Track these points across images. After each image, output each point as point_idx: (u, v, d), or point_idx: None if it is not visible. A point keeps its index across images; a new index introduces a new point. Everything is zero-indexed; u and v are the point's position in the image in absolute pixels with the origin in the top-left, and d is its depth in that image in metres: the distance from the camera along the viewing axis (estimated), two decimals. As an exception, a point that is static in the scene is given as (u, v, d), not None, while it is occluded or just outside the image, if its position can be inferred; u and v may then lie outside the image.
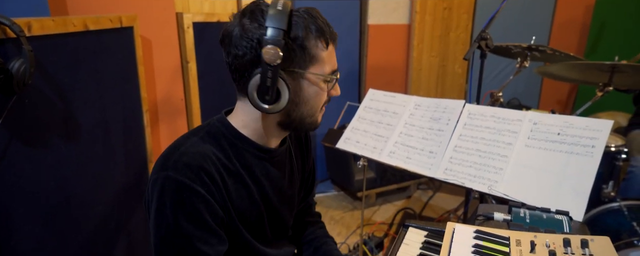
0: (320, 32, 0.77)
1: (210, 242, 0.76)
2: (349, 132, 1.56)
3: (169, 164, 0.74)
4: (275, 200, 0.91)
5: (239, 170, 0.82)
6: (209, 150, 0.79)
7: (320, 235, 1.12)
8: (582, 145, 1.05)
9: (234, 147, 0.83)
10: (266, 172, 0.88)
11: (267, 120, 0.84)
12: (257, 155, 0.86)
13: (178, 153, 0.76)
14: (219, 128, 0.84)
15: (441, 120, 1.36)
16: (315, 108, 0.83)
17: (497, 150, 1.19)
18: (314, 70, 0.79)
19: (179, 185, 0.73)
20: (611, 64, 1.46)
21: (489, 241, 0.81)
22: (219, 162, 0.79)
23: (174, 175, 0.73)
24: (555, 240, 0.77)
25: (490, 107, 1.29)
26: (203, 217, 0.75)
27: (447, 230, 0.87)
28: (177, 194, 0.73)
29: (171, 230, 0.73)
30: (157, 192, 0.74)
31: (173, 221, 0.73)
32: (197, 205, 0.74)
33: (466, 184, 1.18)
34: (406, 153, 1.38)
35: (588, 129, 1.06)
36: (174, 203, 0.73)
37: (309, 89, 0.80)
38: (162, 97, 1.97)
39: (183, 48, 1.99)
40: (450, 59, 3.29)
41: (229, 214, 0.81)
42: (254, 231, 0.88)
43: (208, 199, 0.75)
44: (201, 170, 0.75)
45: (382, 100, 1.58)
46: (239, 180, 0.83)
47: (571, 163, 1.05)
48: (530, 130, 1.16)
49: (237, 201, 0.82)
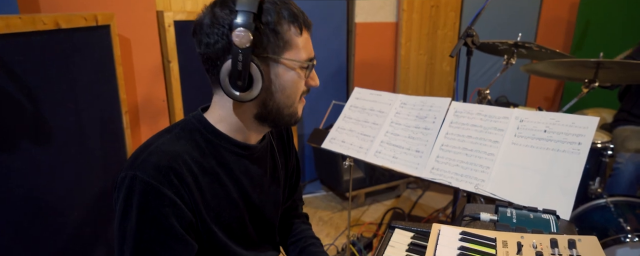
0: (293, 17, 0.75)
1: (175, 248, 0.72)
2: (334, 131, 1.53)
3: (137, 163, 0.71)
4: (256, 199, 0.87)
5: (215, 168, 0.79)
6: (181, 148, 0.75)
7: (307, 235, 1.09)
8: (569, 143, 1.03)
9: (210, 143, 0.79)
10: (246, 170, 0.84)
11: (244, 112, 0.80)
12: (235, 152, 0.82)
13: (147, 152, 0.73)
14: (194, 124, 0.80)
15: (427, 119, 1.34)
16: (293, 97, 0.79)
17: (483, 148, 1.17)
18: (288, 56, 0.76)
19: (145, 186, 0.69)
20: (596, 60, 1.46)
21: (475, 243, 0.78)
22: (192, 160, 0.75)
23: (141, 176, 0.70)
24: (543, 241, 0.75)
25: (476, 104, 1.27)
26: (168, 222, 0.71)
27: (432, 231, 0.84)
28: (143, 197, 0.69)
29: (133, 233, 0.70)
30: (124, 192, 0.71)
31: (136, 225, 0.70)
32: (162, 209, 0.70)
33: (453, 183, 1.16)
34: (392, 152, 1.35)
35: (574, 126, 1.04)
36: (139, 206, 0.70)
37: (285, 76, 0.77)
38: (142, 98, 1.91)
39: (164, 47, 1.94)
40: (438, 57, 3.27)
41: (200, 216, 0.77)
42: (234, 232, 0.84)
43: (176, 202, 0.71)
44: (170, 171, 0.71)
45: (368, 99, 1.55)
46: (215, 178, 0.79)
47: (558, 161, 1.03)
48: (517, 128, 1.14)
49: (212, 201, 0.79)
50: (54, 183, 1.27)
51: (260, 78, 0.72)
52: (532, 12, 3.26)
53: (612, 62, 1.48)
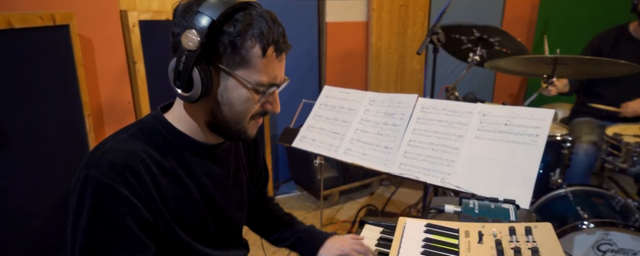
0: (260, 37, 0.70)
1: (131, 250, 0.70)
2: (304, 130, 1.53)
3: (91, 162, 0.69)
4: (219, 200, 0.86)
5: (175, 168, 0.77)
6: (139, 147, 0.73)
7: (282, 214, 1.12)
8: (528, 135, 1.08)
9: (169, 144, 0.77)
10: (208, 171, 0.83)
11: (195, 115, 0.78)
12: (197, 153, 0.80)
13: (102, 151, 0.70)
14: (152, 124, 0.78)
15: (395, 115, 1.36)
16: (242, 115, 0.76)
17: (449, 142, 1.20)
18: (242, 74, 0.72)
19: (99, 185, 0.67)
20: (553, 56, 1.53)
21: (439, 235, 0.80)
22: (150, 159, 0.73)
23: (95, 175, 0.67)
24: (502, 229, 0.78)
25: (442, 100, 1.30)
26: (123, 222, 0.69)
27: (398, 225, 0.86)
28: (96, 196, 0.67)
29: (86, 235, 0.68)
30: (77, 192, 0.68)
31: (88, 226, 0.68)
32: (118, 208, 0.68)
33: (420, 178, 1.19)
34: (362, 149, 1.37)
35: (532, 118, 1.09)
36: (92, 205, 0.67)
37: (235, 92, 0.73)
38: (107, 100, 1.85)
39: (129, 48, 1.88)
40: (408, 55, 3.34)
41: (160, 215, 0.75)
42: (196, 233, 0.83)
43: (132, 201, 0.69)
44: (126, 169, 0.69)
45: (337, 97, 1.56)
46: (175, 179, 0.77)
47: (518, 153, 1.07)
48: (480, 122, 1.18)
49: (172, 202, 0.77)
50: (10, 189, 1.21)
51: (200, 86, 0.69)
52: (496, 12, 3.38)
53: (568, 58, 1.55)
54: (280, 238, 1.08)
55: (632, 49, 2.05)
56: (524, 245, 0.72)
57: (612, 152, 1.77)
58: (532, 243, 0.72)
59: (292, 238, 1.05)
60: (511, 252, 0.71)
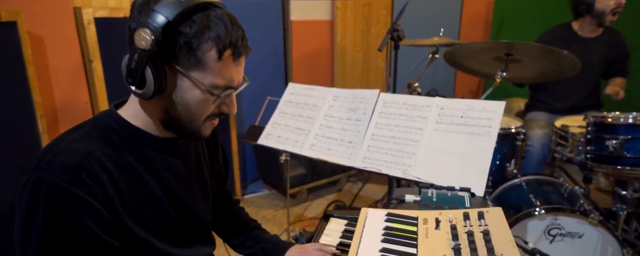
0: (217, 40, 0.69)
1: (92, 250, 0.69)
2: (270, 127, 1.54)
3: (43, 164, 0.66)
4: (182, 194, 0.85)
5: (134, 165, 0.76)
6: (93, 146, 0.71)
7: (246, 220, 1.11)
8: (481, 126, 1.13)
9: (126, 140, 0.76)
10: (168, 165, 0.82)
11: (149, 111, 0.77)
12: (155, 147, 0.79)
13: (53, 153, 0.68)
14: (106, 121, 0.76)
15: (359, 110, 1.39)
16: (196, 115, 0.75)
17: (410, 135, 1.24)
18: (196, 75, 0.71)
19: (53, 189, 0.64)
20: (507, 42, 1.60)
21: (399, 223, 0.83)
22: (106, 157, 0.71)
23: (48, 178, 0.64)
24: (457, 215, 0.82)
25: (402, 95, 1.34)
26: (81, 223, 0.67)
27: (360, 215, 0.89)
28: (50, 199, 0.64)
29: (41, 239, 0.65)
30: (27, 197, 0.65)
31: (43, 230, 0.65)
32: (75, 211, 0.66)
33: (383, 170, 1.22)
34: (327, 145, 1.39)
35: (485, 111, 1.15)
36: (46, 209, 0.64)
37: (189, 93, 0.72)
38: (62, 101, 1.77)
39: (84, 46, 1.81)
40: (372, 54, 3.40)
41: (117, 214, 0.73)
42: (159, 229, 0.81)
43: (89, 202, 0.67)
44: (81, 169, 0.67)
45: (302, 94, 1.57)
46: (134, 175, 0.76)
47: (473, 143, 1.13)
48: (438, 115, 1.23)
49: (131, 199, 0.75)
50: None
51: (152, 84, 0.68)
52: (455, 10, 3.51)
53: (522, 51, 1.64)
54: (244, 245, 1.07)
55: (582, 47, 2.18)
56: (476, 228, 0.76)
57: (560, 142, 1.89)
58: (484, 226, 0.76)
59: (255, 247, 1.04)
60: (465, 236, 0.74)
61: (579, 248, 1.58)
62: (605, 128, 1.59)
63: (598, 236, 1.55)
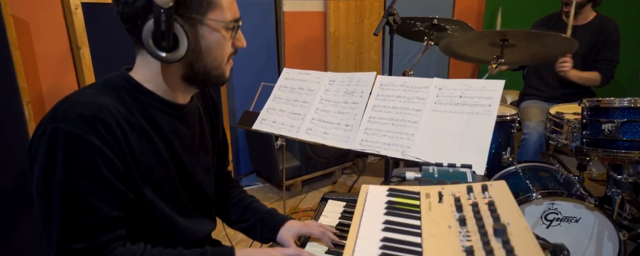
0: None
1: (110, 198, 0.69)
2: (265, 112, 1.50)
3: (58, 115, 0.66)
4: (187, 161, 0.84)
5: (143, 125, 0.75)
6: (106, 101, 0.71)
7: (244, 196, 1.09)
8: (481, 105, 1.12)
9: (136, 100, 0.76)
10: (175, 129, 0.81)
11: (170, 73, 0.77)
12: (164, 111, 0.79)
13: (69, 103, 0.68)
14: (118, 82, 0.76)
15: (355, 93, 1.37)
16: (220, 59, 0.78)
17: (408, 117, 1.22)
18: (212, 17, 0.73)
19: (70, 137, 0.65)
20: (501, 31, 1.60)
21: (401, 197, 0.81)
22: (119, 114, 0.71)
23: (65, 127, 0.65)
24: (460, 189, 0.80)
25: (400, 77, 1.32)
26: (100, 171, 0.67)
27: (361, 192, 0.86)
28: (69, 147, 0.65)
29: (63, 186, 0.65)
30: (45, 147, 0.65)
31: (65, 177, 0.65)
32: (92, 158, 0.66)
33: (381, 152, 1.20)
34: (323, 128, 1.36)
35: (484, 90, 1.13)
36: (65, 157, 0.65)
37: (210, 37, 0.75)
38: (49, 87, 1.71)
39: (72, 32, 1.75)
40: (365, 46, 3.38)
41: (130, 171, 0.72)
42: (166, 194, 0.80)
43: (105, 151, 0.67)
44: (96, 120, 0.67)
45: (297, 78, 1.54)
46: (144, 135, 0.75)
47: (472, 123, 1.11)
48: (436, 96, 1.21)
49: (141, 157, 0.74)
50: None
51: (186, 39, 0.69)
52: (447, 2, 3.51)
53: (516, 37, 1.63)
54: (242, 218, 1.05)
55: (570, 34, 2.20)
56: (481, 200, 0.74)
57: (555, 130, 1.90)
58: (489, 198, 0.74)
59: (253, 218, 1.02)
60: (469, 207, 0.72)
61: (575, 232, 1.58)
62: (600, 112, 1.59)
63: (594, 220, 1.55)
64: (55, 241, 0.66)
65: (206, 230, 0.92)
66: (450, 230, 0.68)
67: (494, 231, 0.63)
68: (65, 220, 0.66)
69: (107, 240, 0.69)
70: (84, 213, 0.67)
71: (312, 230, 0.91)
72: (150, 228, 0.78)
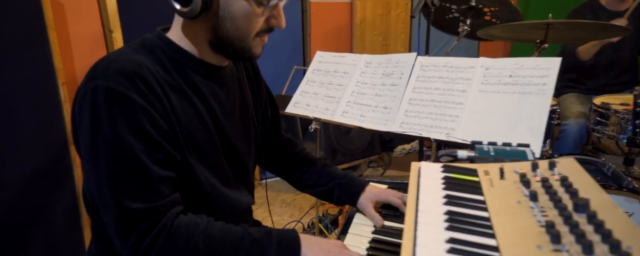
0: None
1: (157, 157, 0.65)
2: (298, 95, 1.46)
3: (97, 73, 0.64)
4: (227, 127, 0.80)
5: (182, 86, 0.71)
6: (144, 60, 0.68)
7: (315, 160, 1.05)
8: (534, 84, 1.05)
9: (173, 61, 0.72)
10: (214, 93, 0.77)
11: (197, 35, 0.73)
12: (202, 73, 0.75)
13: (107, 61, 0.65)
14: (154, 42, 0.73)
15: (394, 75, 1.31)
16: (245, 30, 0.72)
17: (452, 98, 1.16)
18: None
19: (112, 93, 0.62)
20: (546, 22, 1.52)
21: (458, 173, 0.75)
22: (157, 73, 0.68)
23: (105, 84, 0.62)
24: (523, 166, 0.74)
25: (442, 57, 1.26)
26: (145, 129, 0.64)
27: (412, 170, 0.81)
28: (111, 104, 0.62)
29: (111, 145, 0.62)
30: (88, 106, 0.63)
31: (112, 135, 0.62)
32: (136, 115, 0.63)
33: (423, 134, 1.14)
34: (360, 111, 1.31)
35: (538, 68, 1.06)
36: (109, 114, 0.62)
37: (235, 5, 0.69)
38: (82, 70, 1.72)
39: (104, 16, 1.75)
40: (392, 37, 3.31)
41: (173, 131, 0.69)
42: (208, 159, 0.76)
43: (147, 109, 0.64)
44: (136, 77, 0.64)
45: (331, 61, 1.50)
46: (184, 96, 0.72)
47: (525, 103, 1.04)
48: (483, 76, 1.15)
49: (183, 119, 0.71)
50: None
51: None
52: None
53: (560, 23, 1.55)
54: (317, 183, 1.01)
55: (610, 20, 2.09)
56: (551, 177, 0.68)
57: (600, 121, 1.79)
58: (559, 174, 0.68)
59: (331, 183, 0.99)
60: (539, 183, 0.66)
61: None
62: (655, 100, 1.49)
63: (648, 215, 1.45)
64: (112, 204, 0.63)
65: (246, 203, 0.88)
66: (520, 205, 0.62)
67: (574, 206, 0.57)
68: (119, 180, 0.63)
69: (165, 203, 0.66)
70: (136, 172, 0.63)
71: (390, 197, 0.91)
72: (193, 197, 0.74)
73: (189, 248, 0.66)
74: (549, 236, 0.51)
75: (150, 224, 0.64)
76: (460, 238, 0.54)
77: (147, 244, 0.64)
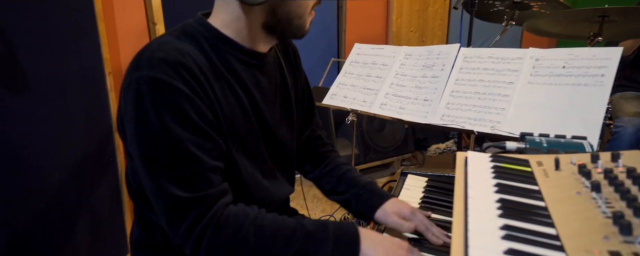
0: None
1: (205, 147, 0.65)
2: (335, 87, 1.45)
3: (141, 63, 0.64)
4: (269, 116, 0.79)
5: (225, 74, 0.71)
6: (187, 48, 0.67)
7: (338, 163, 0.98)
8: (591, 76, 0.98)
9: (215, 48, 0.71)
10: (256, 82, 0.76)
11: (251, 19, 0.72)
12: (244, 61, 0.74)
13: (150, 50, 0.65)
14: (196, 28, 0.72)
15: (435, 67, 1.27)
16: (304, 6, 0.72)
17: (497, 90, 1.11)
18: None
19: (156, 83, 0.62)
20: (602, 8, 1.42)
21: (509, 163, 0.72)
22: (200, 61, 0.68)
23: (149, 73, 0.62)
24: (581, 158, 0.69)
25: (487, 48, 1.21)
26: (191, 118, 0.64)
27: (457, 159, 0.77)
28: (156, 94, 0.62)
29: (158, 135, 0.62)
30: (133, 97, 0.62)
31: (159, 125, 0.62)
32: (182, 105, 0.63)
33: (466, 127, 1.10)
34: (399, 103, 1.28)
35: (595, 58, 0.99)
36: (155, 104, 0.62)
37: None
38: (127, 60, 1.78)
39: (149, 9, 1.82)
40: (428, 34, 3.24)
41: (218, 121, 0.69)
42: (249, 151, 0.76)
43: (192, 98, 0.64)
44: (180, 66, 0.63)
45: (369, 53, 1.47)
46: (226, 85, 0.71)
47: (579, 95, 0.98)
48: (533, 67, 1.09)
49: (226, 108, 0.70)
50: (31, 136, 1.15)
51: None
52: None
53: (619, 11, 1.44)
54: (336, 189, 0.95)
55: None
56: (615, 169, 0.63)
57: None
58: (623, 166, 0.63)
59: (349, 192, 0.91)
60: (601, 175, 0.62)
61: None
62: None
63: None
64: (162, 194, 0.63)
65: (285, 193, 0.88)
66: (580, 196, 0.57)
67: (644, 197, 0.52)
68: (168, 170, 0.63)
69: (215, 192, 0.66)
70: (186, 162, 0.63)
71: (415, 220, 0.79)
72: (234, 187, 0.72)
73: (238, 239, 0.65)
74: (618, 227, 0.47)
75: (201, 213, 0.64)
76: (515, 225, 0.51)
77: (198, 233, 0.63)
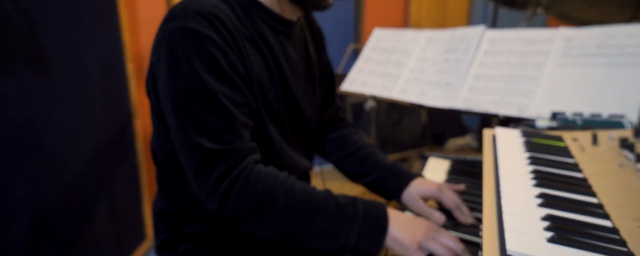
0: None
1: (236, 100, 0.63)
2: (354, 73, 1.43)
3: (175, 14, 0.63)
4: (293, 86, 0.77)
5: (255, 36, 0.70)
6: (221, 5, 0.66)
7: (361, 145, 0.93)
8: (628, 54, 0.93)
9: (246, 11, 0.70)
10: (283, 49, 0.75)
11: None
12: (273, 26, 0.73)
13: (185, 2, 0.64)
14: None
15: (458, 51, 1.23)
16: None
17: (524, 73, 1.06)
18: None
19: (191, 33, 0.61)
20: None
21: (540, 138, 0.68)
22: (233, 19, 0.67)
23: (184, 24, 0.61)
24: (621, 133, 0.65)
25: (514, 30, 1.16)
26: (223, 68, 0.62)
27: (485, 136, 0.74)
28: (190, 43, 0.61)
29: (190, 83, 0.61)
30: (166, 47, 0.62)
31: (191, 73, 0.61)
32: (215, 55, 0.62)
33: (490, 110, 1.05)
34: (420, 88, 1.24)
35: (633, 37, 0.94)
36: (188, 54, 0.61)
37: None
38: (148, 49, 1.80)
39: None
40: (448, 25, 3.16)
41: (249, 78, 0.67)
42: (274, 115, 0.74)
43: (225, 50, 0.63)
44: (214, 18, 0.63)
45: (389, 39, 1.44)
46: (256, 46, 0.70)
47: (615, 75, 0.92)
48: (564, 47, 1.04)
49: (256, 69, 0.69)
50: (53, 117, 1.16)
51: None
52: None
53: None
54: (359, 171, 0.90)
55: None
56: (658, 142, 0.59)
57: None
58: (669, 140, 0.59)
59: (374, 173, 0.87)
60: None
61: None
62: None
63: None
64: (192, 144, 0.62)
65: (305, 167, 0.85)
66: (623, 168, 0.53)
67: (697, 167, 0.48)
68: (199, 121, 0.61)
69: (245, 147, 0.64)
70: (217, 113, 0.61)
71: (444, 198, 0.74)
72: (262, 150, 0.70)
73: (268, 197, 0.62)
74: (669, 195, 0.43)
75: (230, 166, 0.61)
76: (553, 194, 0.47)
77: (226, 186, 0.61)
